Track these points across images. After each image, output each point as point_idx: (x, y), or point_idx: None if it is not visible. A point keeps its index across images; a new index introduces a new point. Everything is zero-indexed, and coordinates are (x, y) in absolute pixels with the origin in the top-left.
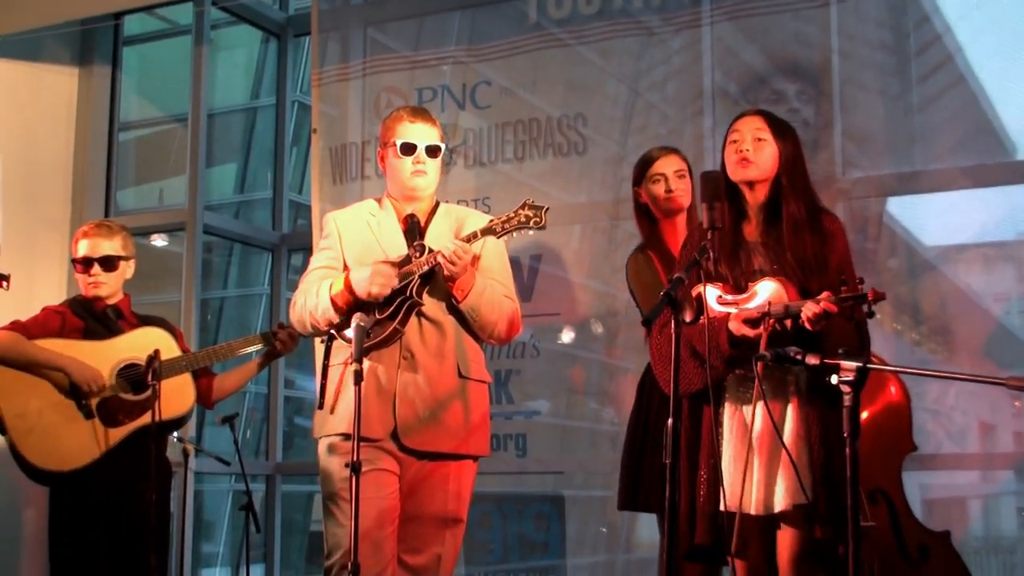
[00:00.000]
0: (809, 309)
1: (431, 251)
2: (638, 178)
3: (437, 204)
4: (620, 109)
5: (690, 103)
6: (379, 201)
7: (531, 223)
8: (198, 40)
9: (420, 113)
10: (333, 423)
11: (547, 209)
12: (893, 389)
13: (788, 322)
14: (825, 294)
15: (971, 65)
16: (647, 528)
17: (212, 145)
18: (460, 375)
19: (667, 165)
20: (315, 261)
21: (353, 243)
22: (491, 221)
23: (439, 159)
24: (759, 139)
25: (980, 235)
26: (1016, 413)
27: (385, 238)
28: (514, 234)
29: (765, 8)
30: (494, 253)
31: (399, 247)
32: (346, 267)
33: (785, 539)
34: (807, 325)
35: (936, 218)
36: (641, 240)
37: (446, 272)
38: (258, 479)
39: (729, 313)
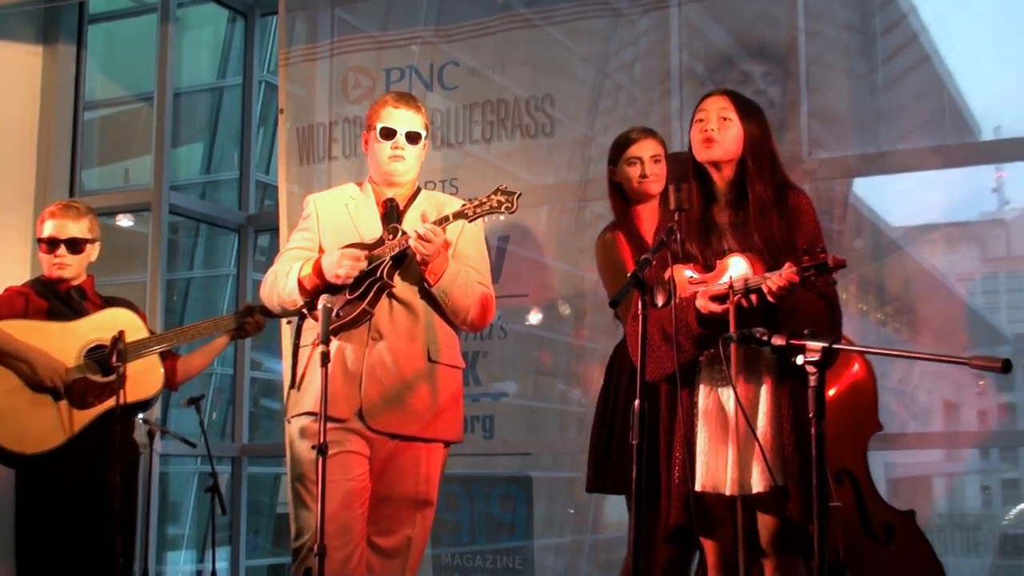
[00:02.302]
0: (772, 282)
1: (404, 233)
2: (614, 157)
3: (418, 190)
4: (588, 90)
5: (658, 84)
6: (360, 185)
7: (503, 208)
8: (164, 18)
9: (405, 99)
10: (301, 402)
11: (519, 195)
12: (858, 368)
13: (755, 297)
14: (787, 265)
15: (936, 45)
16: (614, 509)
17: (178, 125)
18: (429, 359)
19: (644, 149)
20: (292, 241)
21: (330, 225)
22: (463, 205)
23: (420, 146)
24: (724, 119)
25: (945, 215)
26: (980, 392)
27: (362, 222)
28: (486, 219)
29: None
30: (471, 240)
31: (376, 231)
32: (321, 249)
33: (765, 521)
34: (770, 299)
35: (901, 199)
36: (612, 220)
37: (417, 254)
38: (224, 461)
39: (696, 293)
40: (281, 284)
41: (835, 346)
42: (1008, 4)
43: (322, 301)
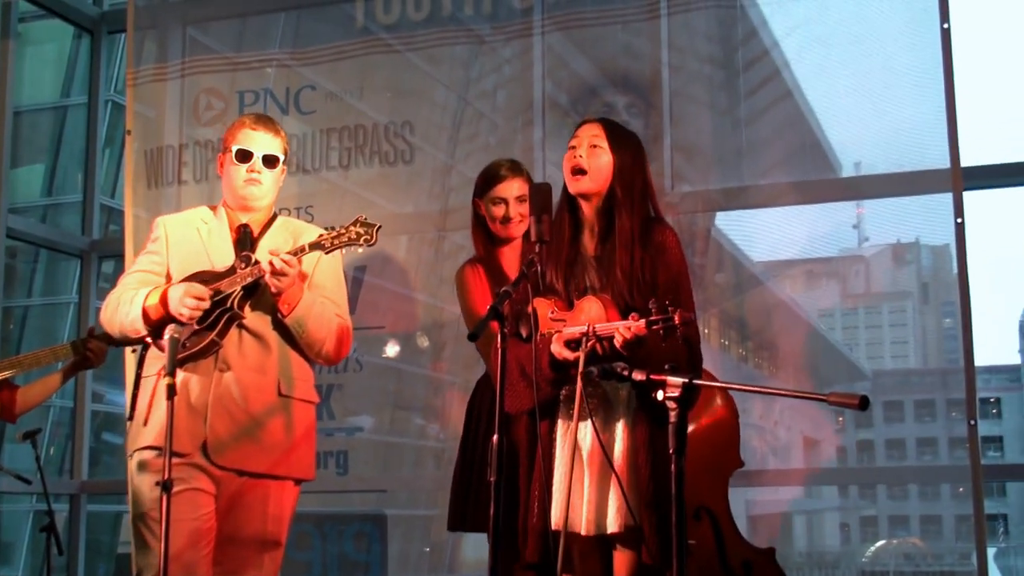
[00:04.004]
0: (619, 334)
1: (257, 262)
2: (480, 191)
3: (274, 216)
4: (449, 118)
5: (520, 113)
6: (214, 209)
7: (361, 240)
8: (4, 33)
9: (264, 121)
10: (144, 436)
11: (379, 227)
12: (719, 404)
13: (607, 344)
14: (632, 316)
15: (798, 80)
16: (472, 548)
17: (18, 144)
18: (280, 393)
19: (510, 189)
20: (137, 264)
21: (180, 250)
22: (320, 236)
23: (278, 170)
24: (594, 146)
25: (805, 251)
26: (839, 429)
27: (214, 247)
28: (343, 250)
29: (596, 19)
30: (327, 270)
31: (228, 258)
32: (169, 275)
33: (620, 561)
34: (620, 350)
35: (763, 233)
36: (475, 253)
37: (271, 286)
38: (62, 499)
39: (556, 331)
40: (124, 310)
41: (696, 382)
42: (868, 42)
43: (169, 331)
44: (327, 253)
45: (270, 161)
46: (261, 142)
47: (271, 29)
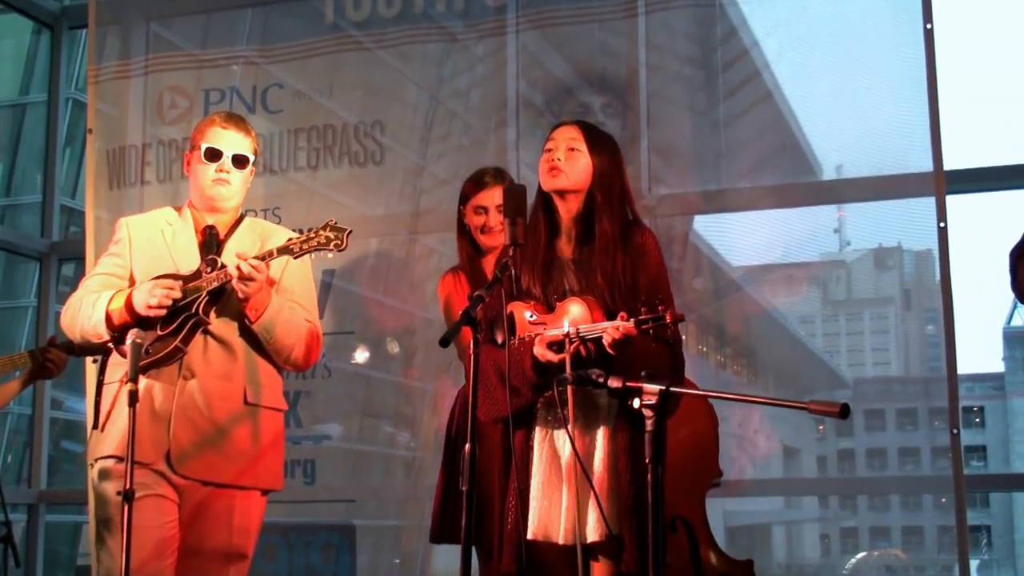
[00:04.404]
0: (608, 335)
1: (223, 267)
2: (464, 198)
3: (241, 217)
4: (421, 117)
5: (494, 113)
6: (179, 209)
7: (332, 245)
8: None
9: (234, 120)
10: (104, 444)
11: (350, 232)
12: (700, 412)
13: (592, 346)
14: (621, 316)
15: (778, 81)
16: (443, 559)
17: None
18: (247, 401)
19: (492, 197)
20: (99, 266)
21: (144, 252)
22: (289, 240)
23: (247, 170)
24: (572, 149)
25: (786, 256)
26: (820, 438)
27: (179, 250)
28: (312, 255)
29: (571, 17)
30: (296, 274)
31: (193, 261)
32: (132, 278)
33: (599, 572)
34: (608, 350)
35: (742, 238)
36: (451, 258)
37: (238, 291)
38: (19, 508)
39: (536, 335)
40: (86, 314)
41: (672, 389)
42: (849, 42)
43: (131, 336)
44: (296, 258)
45: (240, 161)
46: (231, 141)
47: (237, 25)
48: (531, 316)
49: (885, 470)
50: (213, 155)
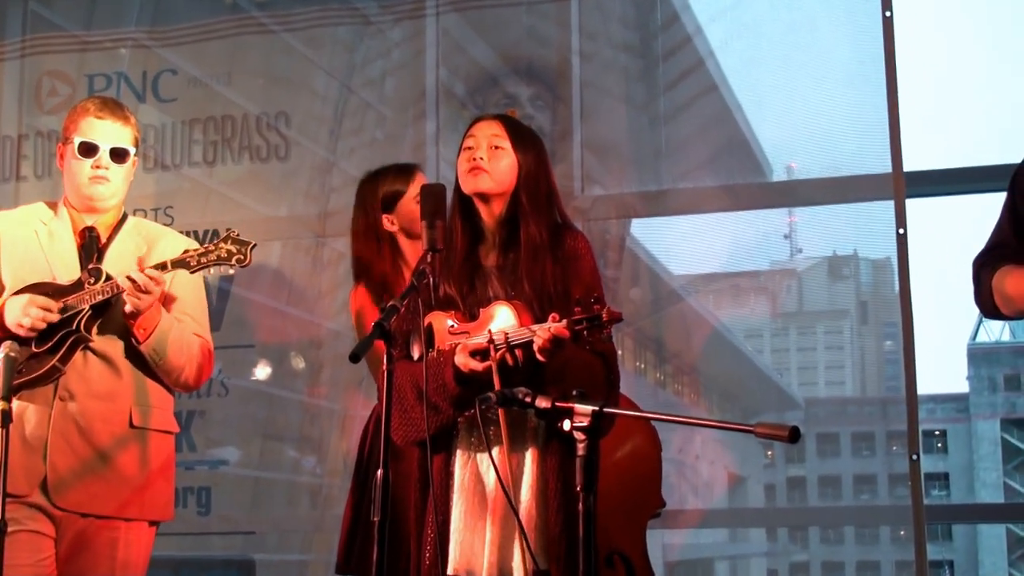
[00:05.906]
0: (539, 336)
1: (110, 278)
2: (388, 205)
3: (124, 217)
4: (330, 108)
5: (411, 104)
6: (53, 206)
7: (233, 260)
8: None
9: (111, 107)
10: None
11: (254, 246)
12: (641, 433)
13: (520, 353)
14: (552, 317)
15: (724, 73)
16: None
17: None
18: (132, 424)
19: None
20: None
21: (15, 255)
22: (185, 252)
23: (128, 164)
24: (496, 147)
25: (732, 263)
26: (768, 464)
27: (56, 254)
28: (211, 270)
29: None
30: (186, 281)
31: (71, 266)
32: (1, 284)
33: None
34: (538, 356)
35: (684, 243)
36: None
37: (129, 306)
38: None
39: (458, 344)
40: None
41: (607, 410)
42: (802, 31)
43: (4, 348)
44: (192, 272)
45: (119, 155)
46: (108, 133)
47: (126, 4)
48: (453, 324)
49: (839, 499)
50: (88, 150)
